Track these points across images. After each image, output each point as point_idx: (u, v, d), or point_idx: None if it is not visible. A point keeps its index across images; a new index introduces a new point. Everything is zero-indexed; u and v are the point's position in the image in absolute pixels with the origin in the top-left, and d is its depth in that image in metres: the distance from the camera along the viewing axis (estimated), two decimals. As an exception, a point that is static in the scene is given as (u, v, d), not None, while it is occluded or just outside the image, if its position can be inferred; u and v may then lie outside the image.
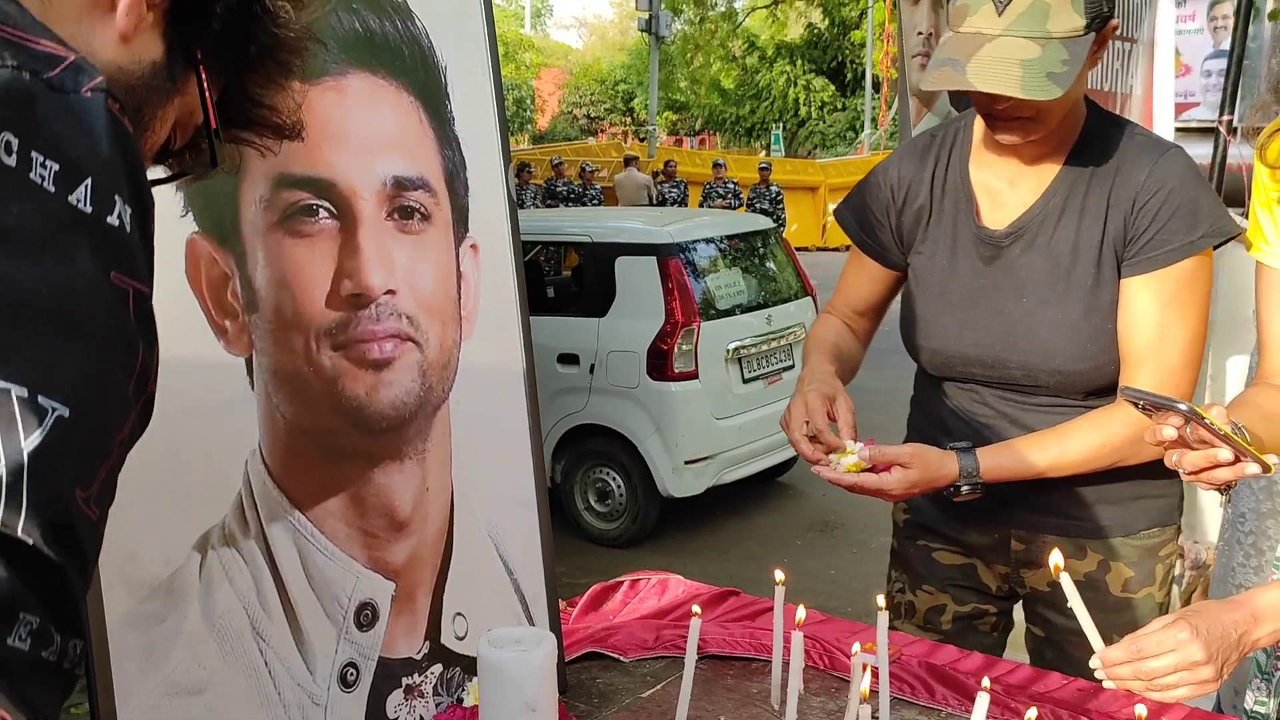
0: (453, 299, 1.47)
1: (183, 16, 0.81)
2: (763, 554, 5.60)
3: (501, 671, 1.25)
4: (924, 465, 1.70)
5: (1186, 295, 1.67)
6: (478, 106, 1.53)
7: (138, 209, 0.65)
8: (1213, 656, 1.24)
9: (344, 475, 1.35)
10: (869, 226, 1.92)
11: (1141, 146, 1.71)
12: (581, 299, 6.45)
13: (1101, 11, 1.58)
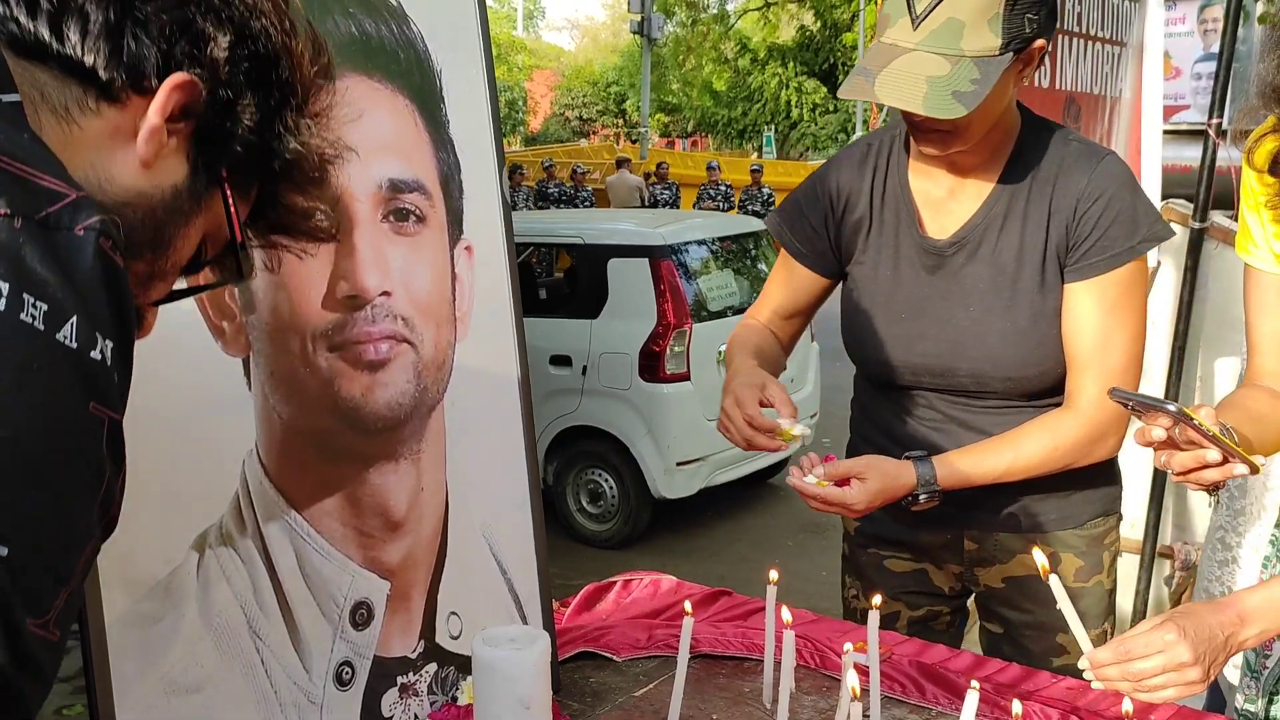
0: (447, 300, 1.49)
1: (206, 139, 0.84)
2: (754, 555, 5.61)
3: (496, 669, 1.26)
4: (881, 475, 1.71)
5: (1126, 299, 1.69)
6: (472, 110, 1.54)
7: (119, 342, 0.69)
8: (1200, 658, 1.26)
9: (340, 475, 1.36)
10: (805, 236, 1.90)
11: (1079, 154, 1.71)
12: (574, 300, 6.46)
13: (1022, 33, 1.56)
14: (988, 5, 1.52)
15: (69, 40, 0.77)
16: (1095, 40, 3.18)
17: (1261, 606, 1.29)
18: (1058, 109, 3.10)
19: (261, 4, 0.86)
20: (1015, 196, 1.72)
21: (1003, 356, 1.75)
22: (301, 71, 0.89)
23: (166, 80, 0.80)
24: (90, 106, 0.79)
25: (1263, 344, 1.59)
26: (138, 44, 0.79)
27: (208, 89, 0.82)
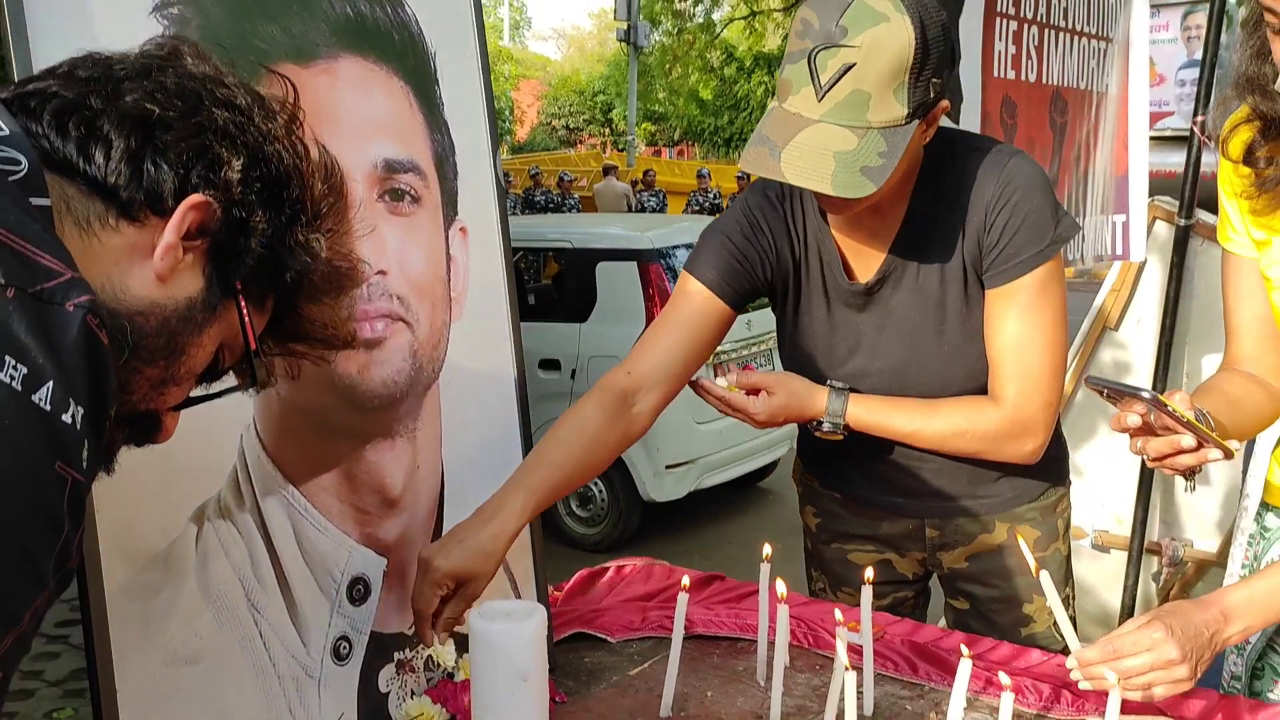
0: (442, 280, 1.50)
1: (220, 254, 0.91)
2: (743, 558, 5.62)
3: (493, 643, 1.27)
4: (790, 394, 1.71)
5: (1041, 301, 1.67)
6: (466, 92, 1.55)
7: (92, 411, 0.75)
8: (1187, 655, 1.27)
9: (336, 451, 1.37)
10: (728, 270, 1.75)
11: (984, 162, 1.68)
12: (562, 305, 6.47)
13: (926, 99, 1.52)
14: (893, 75, 1.47)
15: (94, 162, 0.85)
16: (1081, 35, 3.21)
17: (1244, 604, 1.31)
18: (1044, 103, 3.13)
19: (274, 130, 0.94)
20: (927, 218, 1.69)
21: (948, 377, 1.75)
22: (313, 190, 0.96)
23: (183, 201, 0.86)
24: (111, 223, 0.86)
25: (1241, 329, 1.61)
26: (157, 169, 0.86)
27: (222, 208, 0.89)
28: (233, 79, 0.95)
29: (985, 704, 1.54)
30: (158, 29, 1.19)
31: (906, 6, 1.48)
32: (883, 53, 1.45)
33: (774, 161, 1.48)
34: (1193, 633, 1.28)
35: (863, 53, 1.45)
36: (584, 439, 1.58)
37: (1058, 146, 3.27)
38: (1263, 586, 1.32)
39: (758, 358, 6.40)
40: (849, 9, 1.46)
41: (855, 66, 1.45)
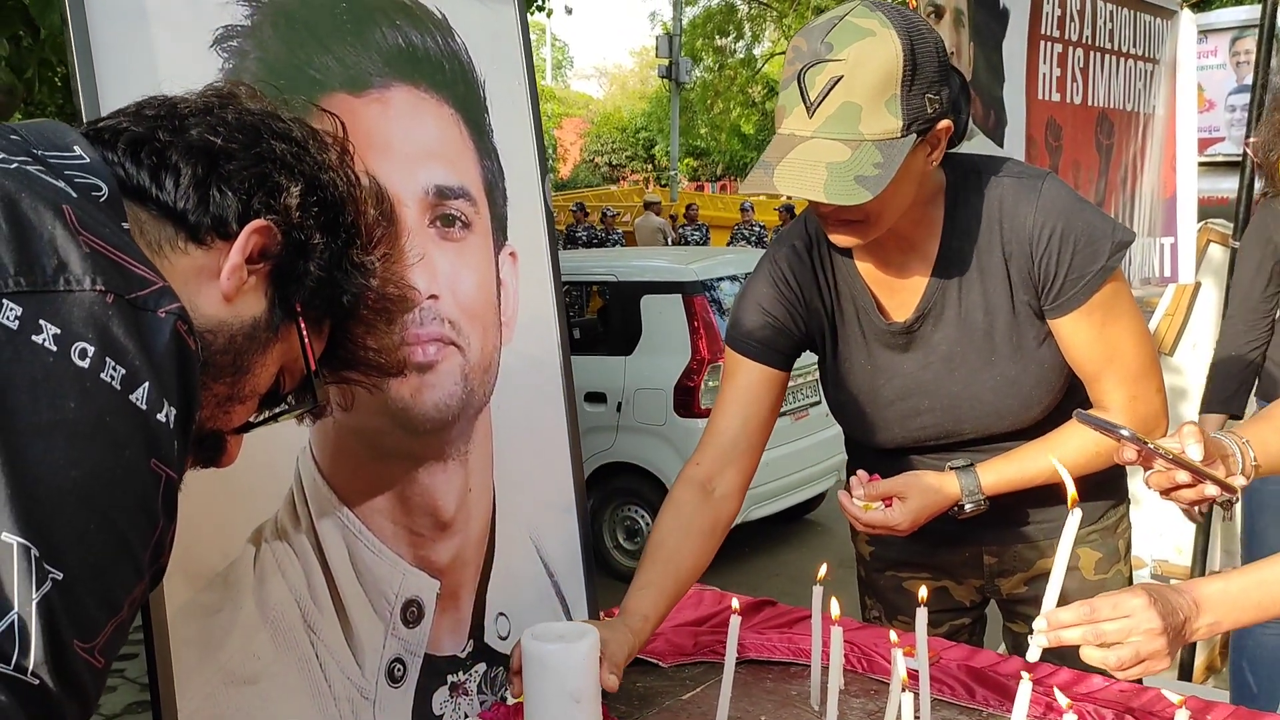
0: (493, 305, 1.51)
1: (281, 277, 0.96)
2: (792, 590, 5.58)
3: (545, 663, 1.27)
4: (922, 491, 1.69)
5: (1117, 309, 1.65)
6: (515, 119, 1.57)
7: (183, 412, 0.79)
8: (1167, 629, 1.23)
9: (390, 474, 1.38)
10: (766, 336, 1.75)
11: (1015, 189, 1.64)
12: (608, 338, 6.49)
13: (924, 113, 1.49)
14: (883, 86, 1.46)
15: (165, 189, 0.90)
16: (1127, 57, 3.20)
17: (1215, 597, 1.27)
18: (1090, 126, 3.12)
19: (329, 159, 1.00)
20: (963, 251, 1.67)
21: (1003, 408, 1.73)
22: (365, 215, 1.02)
23: (247, 226, 0.91)
24: (180, 246, 0.91)
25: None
26: (222, 195, 0.91)
27: (283, 233, 0.94)
28: (288, 114, 1.00)
29: (1045, 728, 1.52)
30: (218, 61, 1.22)
31: (893, 23, 1.48)
32: (870, 64, 1.45)
33: (767, 178, 1.48)
34: (1172, 610, 1.24)
35: (849, 65, 1.45)
36: (680, 525, 1.66)
37: (1104, 169, 3.25)
38: (1239, 583, 1.27)
39: (803, 389, 6.38)
40: (835, 29, 1.47)
41: (843, 79, 1.45)
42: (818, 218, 1.64)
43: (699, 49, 32.02)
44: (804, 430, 6.33)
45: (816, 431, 6.39)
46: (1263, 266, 2.73)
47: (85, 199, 0.82)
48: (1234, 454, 1.43)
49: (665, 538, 1.65)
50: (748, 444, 1.75)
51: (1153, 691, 1.60)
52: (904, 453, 1.82)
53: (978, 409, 1.74)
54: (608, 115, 49.21)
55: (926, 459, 1.81)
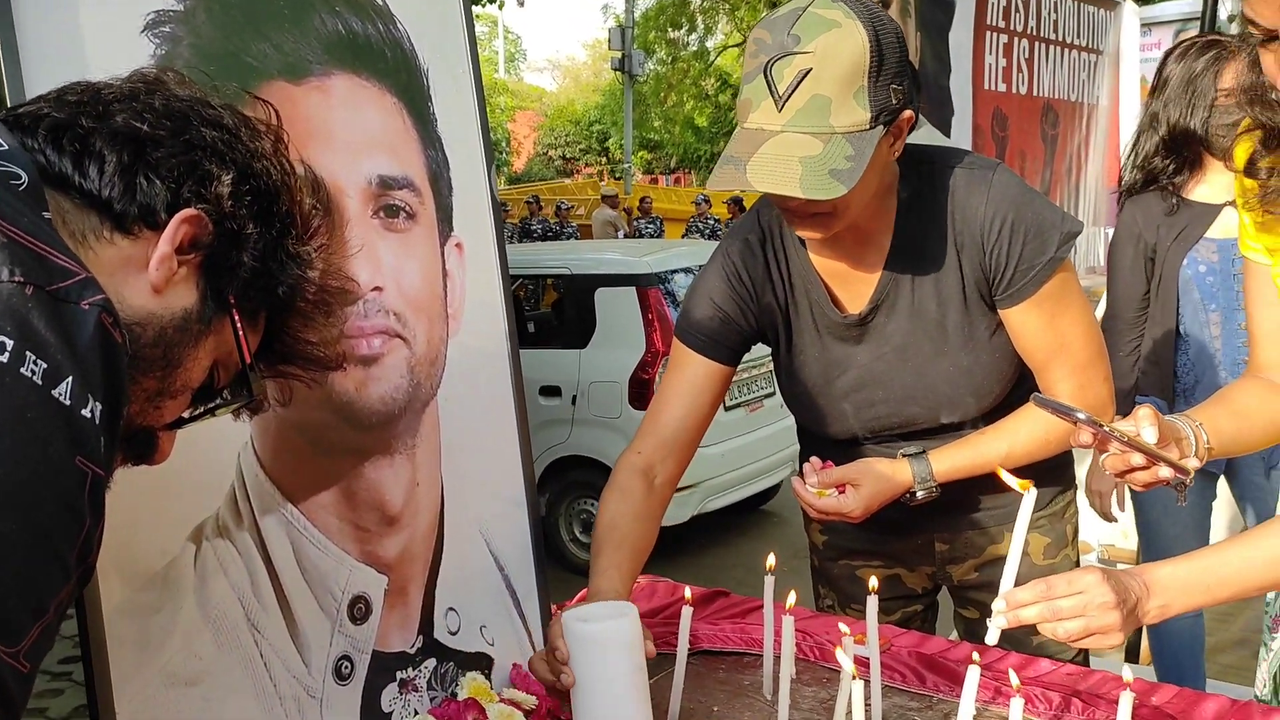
0: (439, 296, 1.49)
1: (214, 268, 0.93)
2: (748, 581, 5.58)
3: (611, 640, 1.31)
4: (875, 478, 1.70)
5: (1066, 299, 1.67)
6: (459, 108, 1.55)
7: (109, 407, 0.77)
8: (1120, 604, 1.25)
9: (335, 469, 1.36)
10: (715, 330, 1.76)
11: (966, 180, 1.65)
12: (562, 331, 6.47)
13: (889, 104, 1.50)
14: (851, 78, 1.46)
15: (89, 176, 0.88)
16: (1071, 48, 3.23)
17: (1165, 580, 1.29)
18: (1035, 116, 3.14)
19: (262, 147, 0.97)
20: (916, 243, 1.67)
21: (955, 398, 1.74)
22: (301, 205, 1.00)
23: (176, 215, 0.89)
24: (106, 236, 0.88)
25: (1262, 335, 1.58)
26: (149, 183, 0.89)
27: (214, 222, 0.91)
28: (218, 101, 0.98)
29: (995, 713, 1.53)
30: (149, 48, 1.20)
31: (856, 13, 1.48)
32: (838, 56, 1.45)
33: (740, 174, 1.47)
34: (1124, 588, 1.25)
35: (818, 57, 1.44)
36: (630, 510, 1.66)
37: (1049, 159, 3.28)
38: (1188, 568, 1.29)
39: (758, 380, 6.40)
40: (799, 20, 1.46)
41: (812, 71, 1.44)
42: (782, 211, 1.64)
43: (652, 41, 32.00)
44: (759, 422, 6.35)
45: (771, 423, 6.42)
46: (1136, 263, 2.75)
47: (3, 187, 0.79)
48: (1188, 437, 1.44)
49: (618, 520, 1.65)
50: (688, 437, 1.76)
51: (1099, 674, 1.62)
52: (858, 442, 1.83)
53: (931, 399, 1.75)
54: (561, 108, 49.10)
55: (880, 448, 1.82)
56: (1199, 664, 3.06)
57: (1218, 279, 2.69)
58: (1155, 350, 2.78)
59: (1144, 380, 2.82)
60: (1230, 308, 2.69)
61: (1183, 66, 2.62)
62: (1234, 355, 2.71)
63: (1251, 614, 4.40)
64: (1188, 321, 2.73)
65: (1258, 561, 1.28)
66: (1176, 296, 2.71)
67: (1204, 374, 2.74)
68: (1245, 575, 1.29)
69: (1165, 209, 2.69)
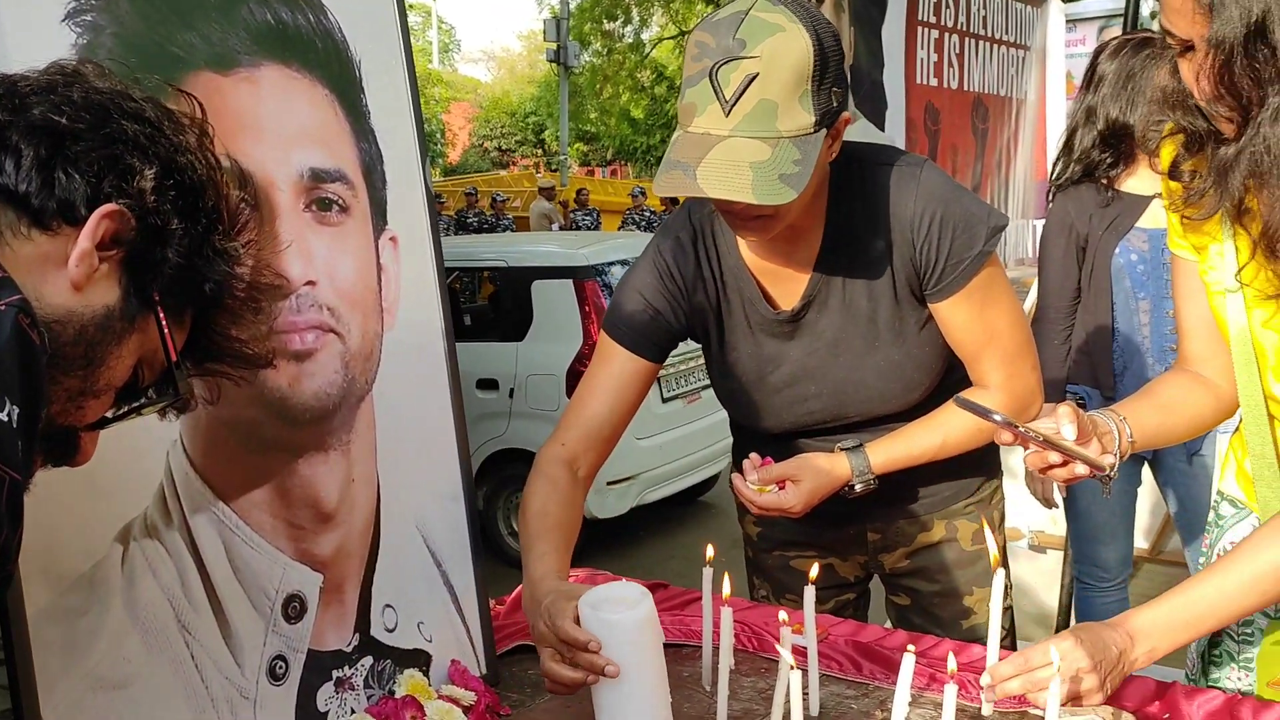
0: (373, 291, 1.48)
1: (137, 264, 0.91)
2: (688, 572, 5.58)
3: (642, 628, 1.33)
4: (814, 473, 1.72)
5: (994, 292, 1.69)
6: (393, 100, 1.53)
7: (27, 410, 0.75)
8: (1097, 666, 1.28)
9: (268, 466, 1.34)
10: (644, 326, 1.76)
11: (895, 176, 1.66)
12: (499, 324, 6.44)
13: (830, 107, 1.51)
14: (796, 83, 1.46)
15: (4, 171, 0.85)
16: (1000, 44, 3.28)
17: (1147, 626, 1.33)
18: (966, 110, 3.19)
19: (185, 142, 0.95)
20: (847, 239, 1.69)
21: (887, 391, 1.77)
22: (228, 200, 0.98)
23: (97, 210, 0.87)
24: (23, 232, 0.86)
25: (1189, 329, 1.62)
26: (68, 178, 0.87)
27: (137, 218, 0.89)
28: (140, 94, 0.96)
29: (929, 699, 1.55)
30: (70, 37, 1.16)
31: (799, 16, 1.49)
32: (784, 61, 1.45)
33: (690, 180, 1.46)
34: (1102, 647, 1.29)
35: (764, 62, 1.45)
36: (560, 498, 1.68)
37: (980, 152, 3.33)
38: (1166, 609, 1.33)
39: (696, 372, 6.42)
40: (743, 24, 1.47)
41: (759, 76, 1.45)
42: (723, 214, 1.64)
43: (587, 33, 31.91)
44: (697, 413, 6.38)
45: (709, 415, 6.45)
46: (1068, 254, 2.81)
47: None
48: (1111, 431, 1.47)
49: (549, 507, 1.65)
50: (611, 431, 1.78)
51: (1030, 659, 1.65)
52: (791, 437, 1.85)
53: (863, 393, 1.77)
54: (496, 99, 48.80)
55: (813, 442, 1.83)
56: (1125, 647, 3.12)
57: (1148, 267, 2.76)
58: (1088, 340, 2.83)
59: (1075, 370, 2.88)
60: (1159, 296, 2.75)
61: (1119, 63, 2.68)
62: (1162, 343, 2.78)
63: (1176, 597, 4.51)
64: (1118, 310, 2.79)
65: (1230, 590, 1.32)
66: (1110, 286, 2.77)
67: (1132, 361, 2.81)
68: (1220, 606, 1.33)
69: (1099, 201, 2.75)
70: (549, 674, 1.37)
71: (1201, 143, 1.43)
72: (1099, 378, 2.83)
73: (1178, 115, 1.45)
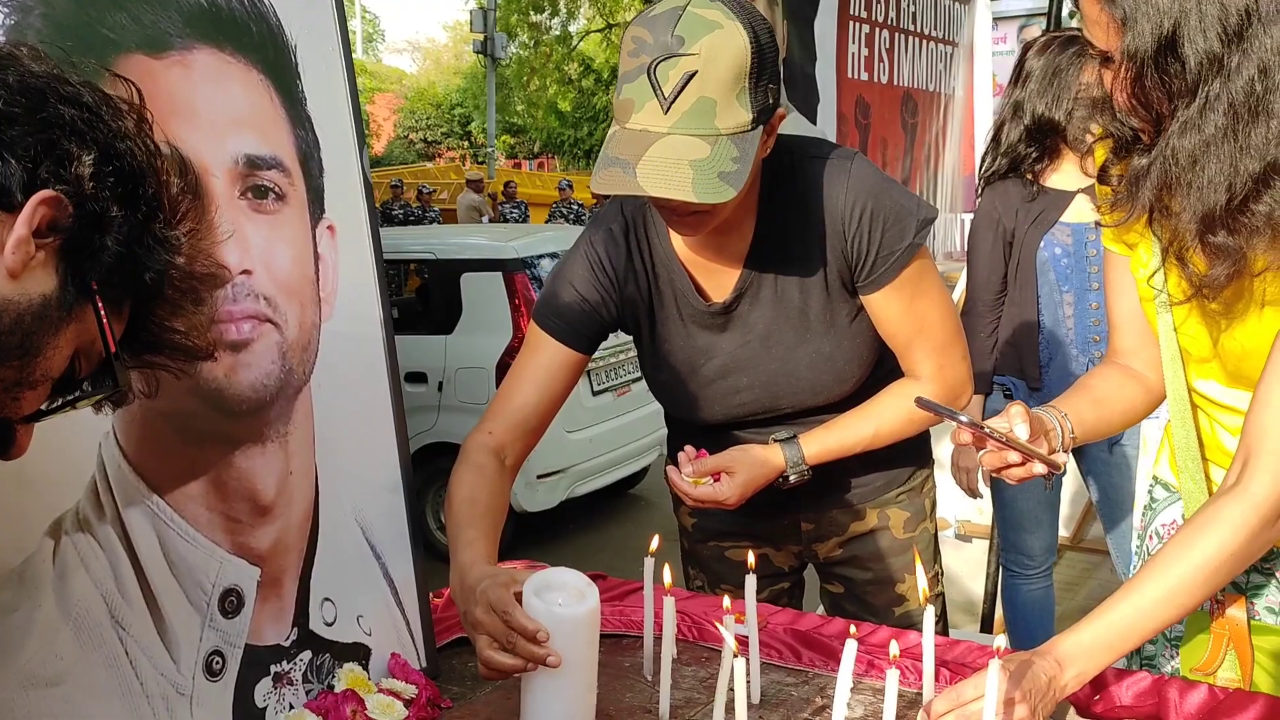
0: (311, 280, 1.45)
1: (75, 252, 0.88)
2: (619, 565, 5.58)
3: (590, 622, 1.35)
4: (749, 465, 1.73)
5: (924, 283, 1.72)
6: (329, 86, 1.51)
7: None
8: (1026, 695, 1.29)
9: (204, 458, 1.31)
10: (575, 318, 1.76)
11: (826, 169, 1.67)
12: (427, 317, 6.38)
13: (767, 104, 1.52)
14: (735, 80, 1.47)
15: None
16: (929, 39, 3.32)
17: (1073, 651, 1.35)
18: (896, 104, 3.23)
19: (125, 127, 0.93)
20: (779, 232, 1.70)
21: (818, 383, 1.79)
22: (169, 187, 0.95)
23: (33, 196, 0.84)
24: None
25: (1120, 323, 1.66)
26: (4, 164, 0.84)
27: (75, 204, 0.87)
28: (76, 78, 0.93)
29: (868, 685, 1.57)
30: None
31: (736, 14, 1.49)
32: (722, 58, 1.46)
33: (629, 178, 1.46)
34: (1030, 675, 1.30)
35: (703, 59, 1.45)
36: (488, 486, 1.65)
37: (909, 146, 3.38)
38: (1089, 632, 1.35)
39: (626, 365, 6.43)
40: (680, 20, 1.46)
41: (698, 74, 1.45)
42: (659, 209, 1.64)
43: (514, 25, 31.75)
44: (627, 406, 6.39)
45: (639, 407, 6.47)
46: (995, 247, 2.88)
47: None
48: (1054, 428, 1.50)
49: (477, 494, 1.63)
50: (539, 421, 1.77)
51: (964, 644, 1.68)
52: (724, 428, 1.86)
53: (795, 384, 1.78)
54: (422, 91, 48.33)
55: (747, 433, 1.85)
56: (1050, 632, 3.21)
57: (1071, 261, 2.82)
58: (1014, 332, 2.89)
59: (1002, 361, 2.93)
60: (1082, 289, 2.82)
61: (1046, 60, 2.74)
62: (1085, 334, 2.84)
63: (1095, 583, 4.64)
64: (1043, 302, 2.86)
65: (1147, 608, 1.35)
66: (1035, 279, 2.83)
67: (1057, 352, 2.87)
68: (1140, 625, 1.35)
69: (1025, 195, 2.81)
70: (488, 661, 1.35)
71: (1129, 148, 1.46)
72: (1025, 369, 2.89)
73: (1106, 120, 1.48)
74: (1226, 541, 1.34)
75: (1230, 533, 1.34)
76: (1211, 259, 1.34)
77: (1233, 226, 1.30)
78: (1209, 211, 1.30)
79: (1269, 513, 1.34)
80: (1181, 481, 1.58)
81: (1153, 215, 1.43)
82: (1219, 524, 1.34)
